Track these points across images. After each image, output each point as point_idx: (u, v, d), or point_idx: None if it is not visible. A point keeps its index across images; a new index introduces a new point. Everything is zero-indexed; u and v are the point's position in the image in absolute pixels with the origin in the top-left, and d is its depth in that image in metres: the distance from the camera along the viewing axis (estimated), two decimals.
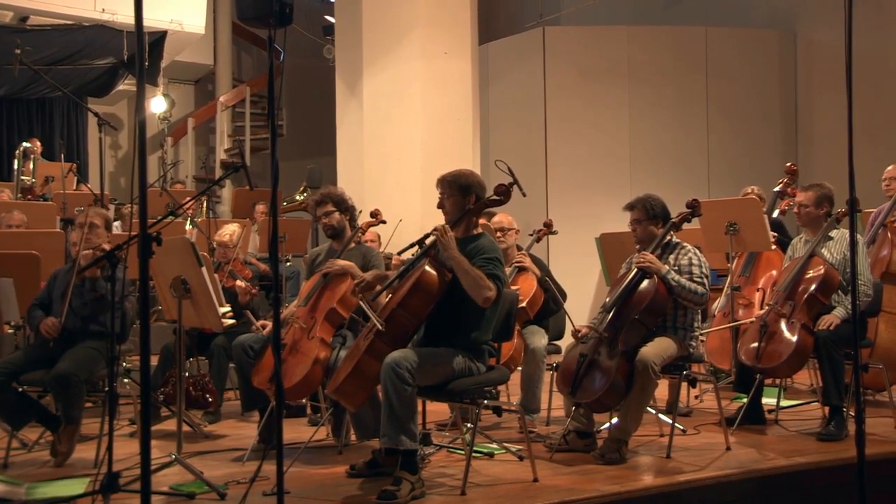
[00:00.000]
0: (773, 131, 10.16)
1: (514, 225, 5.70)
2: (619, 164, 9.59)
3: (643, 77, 9.75)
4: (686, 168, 9.69)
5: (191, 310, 4.48)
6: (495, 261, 4.04)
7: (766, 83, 10.18)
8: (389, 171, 8.10)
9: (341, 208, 5.15)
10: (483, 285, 3.92)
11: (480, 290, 3.92)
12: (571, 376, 4.48)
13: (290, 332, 4.74)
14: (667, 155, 9.69)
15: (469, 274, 3.92)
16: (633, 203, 4.80)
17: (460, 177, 4.20)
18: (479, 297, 3.93)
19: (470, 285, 3.93)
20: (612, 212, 5.68)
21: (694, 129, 9.87)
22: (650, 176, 9.29)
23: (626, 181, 9.36)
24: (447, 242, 3.99)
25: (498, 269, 4.02)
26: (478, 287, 3.92)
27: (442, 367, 3.95)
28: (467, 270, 3.93)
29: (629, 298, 4.56)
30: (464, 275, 3.93)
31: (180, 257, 4.41)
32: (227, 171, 4.64)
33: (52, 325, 4.77)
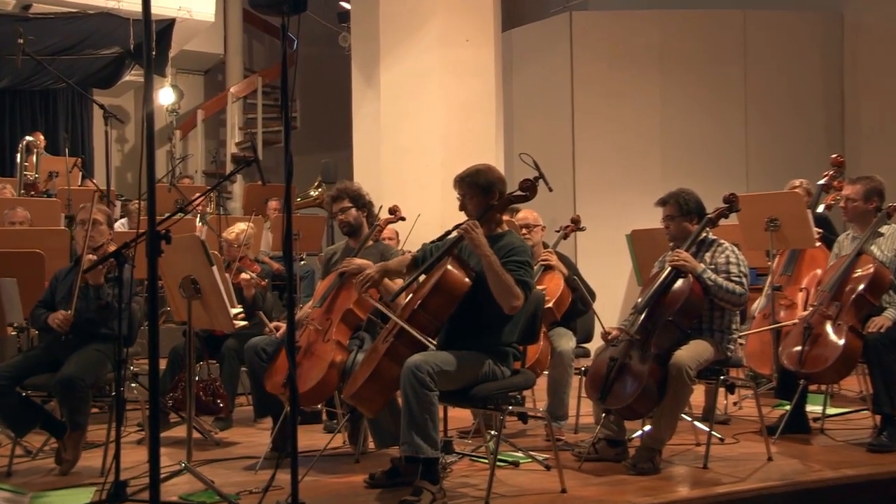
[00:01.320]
0: (817, 121, 10.07)
1: (539, 221, 5.69)
2: (651, 156, 9.55)
3: (676, 65, 9.70)
4: (722, 161, 9.64)
5: (201, 311, 4.50)
6: (526, 265, 4.03)
7: (810, 69, 10.08)
8: (408, 166, 8.11)
9: (358, 204, 5.16)
10: (512, 293, 3.92)
11: (508, 298, 3.92)
12: (601, 381, 4.47)
13: (305, 335, 4.75)
14: (702, 147, 9.64)
15: (499, 277, 3.92)
16: (666, 198, 4.78)
17: (479, 174, 4.19)
18: (506, 303, 3.93)
19: (498, 289, 3.93)
20: (644, 207, 5.65)
21: (731, 120, 9.80)
22: (684, 169, 9.23)
23: (658, 175, 9.32)
24: (477, 239, 3.98)
25: (528, 276, 4.02)
26: (507, 294, 3.92)
27: (464, 371, 3.96)
28: (498, 273, 3.92)
29: (662, 299, 4.54)
30: (493, 276, 3.93)
31: (190, 256, 4.44)
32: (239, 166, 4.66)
33: (64, 318, 4.77)
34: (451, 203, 4.43)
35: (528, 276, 4.01)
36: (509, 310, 3.94)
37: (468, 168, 4.25)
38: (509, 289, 3.91)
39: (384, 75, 8.31)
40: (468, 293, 3.99)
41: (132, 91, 14.06)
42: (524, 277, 3.99)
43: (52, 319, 4.80)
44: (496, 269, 3.93)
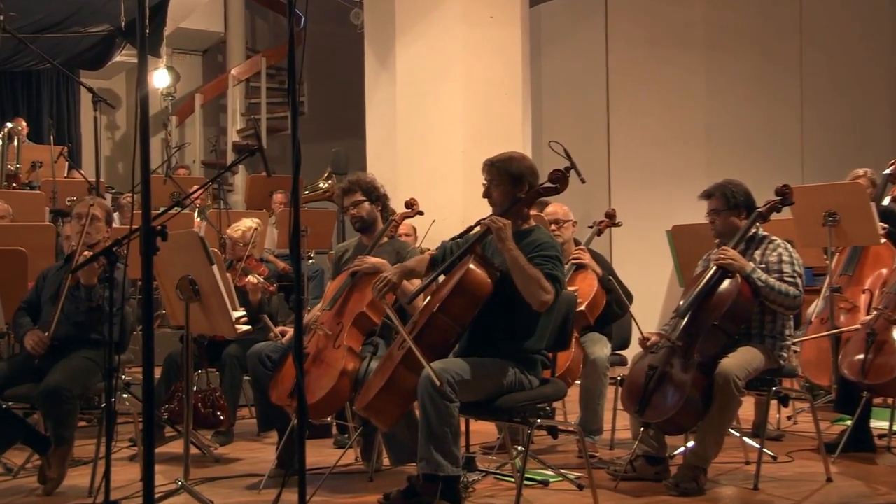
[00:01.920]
0: (882, 104, 10.00)
1: (570, 216, 5.68)
2: (695, 144, 9.52)
3: (723, 42, 9.66)
4: (775, 148, 9.60)
5: (200, 314, 4.53)
6: (555, 259, 4.04)
7: (874, 46, 10.01)
8: (426, 155, 8.12)
9: (371, 197, 5.17)
10: (541, 286, 3.92)
11: (537, 293, 3.92)
12: (639, 392, 4.46)
13: (314, 340, 4.77)
14: (752, 133, 9.60)
15: (525, 272, 3.92)
16: (711, 190, 4.77)
17: (511, 161, 4.20)
18: (535, 299, 3.93)
19: (525, 285, 3.93)
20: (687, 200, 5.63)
21: (785, 103, 9.75)
22: (731, 158, 9.20)
23: (702, 164, 9.29)
24: (503, 233, 3.99)
25: (557, 270, 4.02)
26: (535, 288, 3.92)
27: (488, 381, 3.96)
28: (523, 267, 3.93)
29: (707, 301, 4.53)
30: (519, 272, 3.93)
31: (188, 254, 4.46)
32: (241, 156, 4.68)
33: (38, 340, 4.79)
34: (473, 196, 4.43)
35: (557, 271, 4.02)
36: (539, 305, 3.93)
37: (501, 153, 4.26)
38: (537, 281, 3.91)
39: (400, 56, 8.32)
40: (492, 295, 3.99)
41: (123, 73, 14.14)
42: (553, 271, 3.99)
43: (26, 340, 4.82)
44: (521, 263, 3.93)
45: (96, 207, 5.00)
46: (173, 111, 13.97)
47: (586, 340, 5.35)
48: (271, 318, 5.51)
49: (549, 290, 3.94)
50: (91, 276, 4.77)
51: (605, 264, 5.71)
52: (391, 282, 4.26)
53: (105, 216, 5.08)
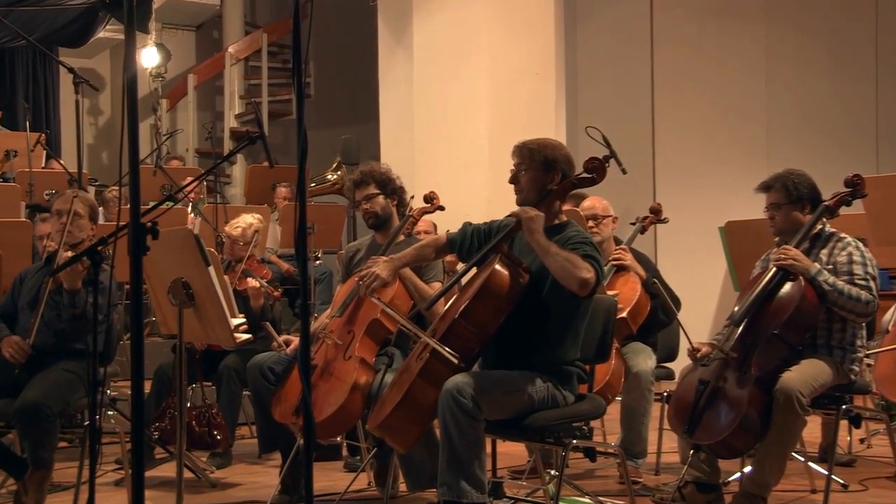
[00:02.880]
0: None
1: (609, 211, 5.69)
2: (752, 130, 9.49)
3: (785, 14, 9.63)
4: (845, 134, 9.56)
5: (194, 321, 4.55)
6: (590, 244, 4.05)
7: None
8: (447, 143, 8.13)
9: (386, 190, 5.19)
10: (577, 264, 3.89)
11: (575, 271, 3.87)
12: (688, 410, 4.45)
13: (322, 351, 4.79)
14: (819, 117, 9.56)
15: (559, 254, 3.91)
16: (771, 181, 4.76)
17: (545, 147, 4.20)
18: (574, 279, 3.89)
19: (560, 268, 3.90)
20: (742, 193, 5.63)
21: (856, 84, 9.71)
22: (794, 145, 9.17)
23: (760, 152, 9.26)
24: (533, 224, 4.00)
25: (594, 252, 4.02)
26: (571, 268, 3.88)
27: (517, 396, 3.97)
28: (555, 253, 3.92)
29: (766, 307, 4.52)
30: (551, 257, 3.92)
31: (181, 254, 4.48)
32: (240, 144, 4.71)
33: (18, 347, 4.82)
34: (500, 188, 4.44)
35: (594, 252, 4.02)
36: (579, 285, 3.89)
37: (536, 138, 4.28)
38: (573, 261, 3.90)
39: (418, 31, 8.34)
40: (521, 299, 4.00)
41: (108, 51, 14.23)
42: (591, 253, 4.00)
43: (4, 348, 4.84)
44: (553, 248, 3.93)
45: (79, 203, 5.03)
46: (164, 94, 14.05)
47: (628, 351, 5.35)
48: (274, 326, 5.53)
49: (589, 268, 3.91)
50: (75, 279, 4.78)
51: (650, 266, 5.70)
52: (378, 277, 4.28)
53: (89, 212, 5.11)
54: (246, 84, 14.31)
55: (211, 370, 5.81)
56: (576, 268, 3.88)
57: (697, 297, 7.72)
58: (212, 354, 5.84)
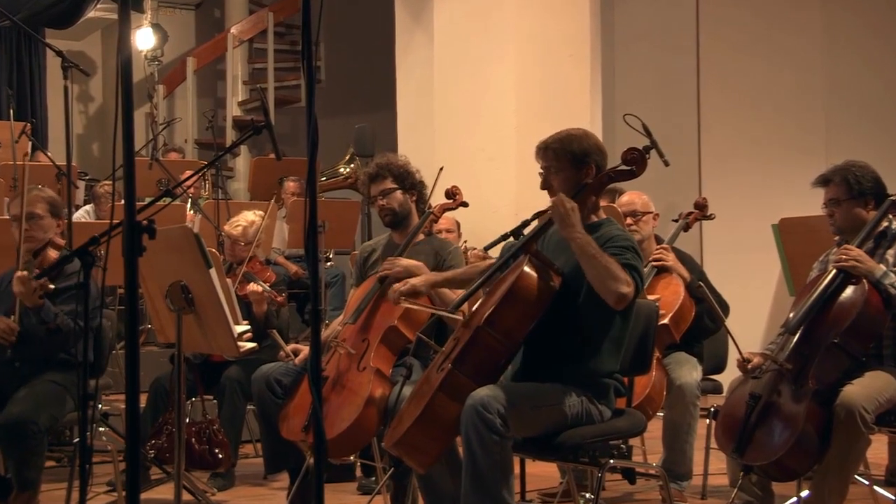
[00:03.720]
0: None
1: (650, 207, 5.68)
2: (810, 117, 9.44)
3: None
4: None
5: (194, 329, 4.57)
6: (631, 250, 4.04)
7: None
8: (471, 132, 8.13)
9: (404, 185, 5.20)
10: (617, 276, 3.89)
11: (613, 284, 3.88)
12: (738, 427, 4.44)
13: (334, 361, 4.80)
14: (882, 104, 9.50)
15: (597, 260, 3.90)
16: (830, 174, 4.74)
17: (570, 141, 4.19)
18: (611, 292, 3.90)
19: (597, 275, 3.91)
20: (798, 187, 5.60)
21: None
22: (856, 135, 9.12)
23: (819, 142, 9.21)
24: (569, 218, 3.99)
25: (636, 261, 4.01)
26: (609, 278, 3.88)
27: (548, 411, 3.97)
28: (593, 255, 3.91)
29: (825, 314, 4.50)
30: (589, 261, 3.92)
31: (180, 255, 4.50)
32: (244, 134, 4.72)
33: (6, 326, 4.85)
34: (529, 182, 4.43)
35: (635, 261, 4.00)
36: (616, 300, 3.90)
37: (558, 133, 4.26)
38: (612, 272, 3.89)
39: (439, 9, 8.34)
40: (552, 304, 4.00)
41: (99, 32, 14.28)
42: (631, 261, 3.98)
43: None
44: (591, 251, 3.92)
45: (33, 204, 5.04)
46: (160, 79, 14.08)
47: (671, 362, 5.34)
48: (281, 334, 5.53)
49: (629, 280, 3.92)
50: (30, 297, 4.78)
51: (695, 267, 5.69)
52: (415, 289, 4.29)
53: (48, 209, 5.12)
54: (250, 68, 14.32)
55: (212, 382, 5.83)
56: (614, 279, 3.88)
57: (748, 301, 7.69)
58: (213, 365, 5.86)
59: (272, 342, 5.42)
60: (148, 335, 8.07)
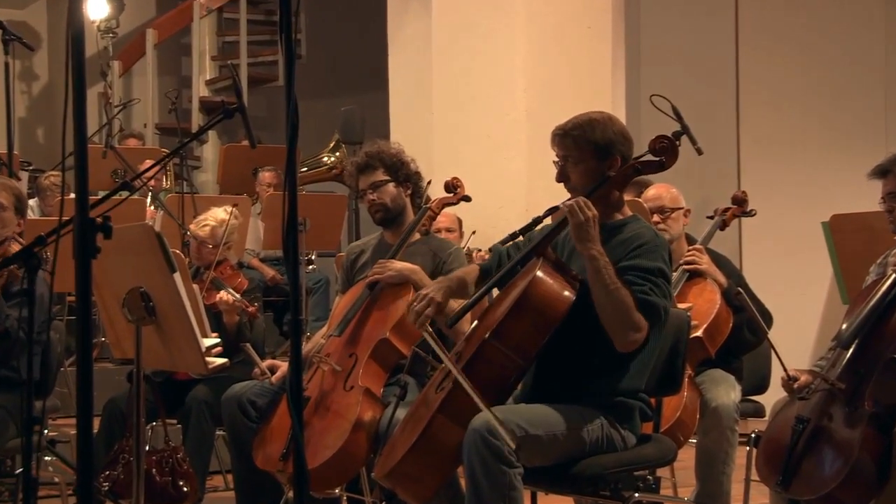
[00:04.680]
0: None
1: (680, 202, 5.68)
2: (866, 101, 9.44)
3: None
4: None
5: (156, 342, 4.57)
6: (657, 275, 4.01)
7: None
8: (475, 116, 8.13)
9: (398, 176, 5.20)
10: (628, 320, 3.90)
11: (621, 328, 3.91)
12: (783, 455, 4.44)
13: (317, 379, 4.81)
14: None
15: (611, 295, 3.89)
16: (889, 165, 4.74)
17: (592, 126, 4.19)
18: (619, 336, 3.93)
19: (607, 312, 3.91)
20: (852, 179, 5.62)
21: None
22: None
23: (877, 127, 9.22)
24: (585, 231, 3.96)
25: (658, 293, 3.99)
26: (619, 321, 3.90)
27: (563, 437, 3.97)
28: (607, 286, 3.90)
29: (883, 325, 4.50)
30: (601, 293, 3.91)
31: (139, 257, 4.50)
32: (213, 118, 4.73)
33: None
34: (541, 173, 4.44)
35: (659, 294, 3.98)
36: (621, 345, 3.93)
37: (577, 116, 4.26)
38: (624, 314, 3.89)
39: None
40: (569, 314, 4.00)
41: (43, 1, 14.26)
42: (652, 297, 3.96)
43: None
44: (605, 279, 3.91)
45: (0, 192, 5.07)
46: (116, 54, 14.08)
47: (705, 380, 5.35)
48: (256, 348, 5.54)
49: (641, 326, 3.93)
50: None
51: (733, 271, 5.70)
52: (436, 302, 4.25)
53: (14, 202, 5.14)
54: (220, 42, 14.32)
55: (176, 404, 5.83)
56: (624, 324, 3.92)
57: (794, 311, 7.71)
58: (177, 384, 5.86)
59: (245, 357, 5.43)
60: (102, 350, 8.07)
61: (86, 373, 2.78)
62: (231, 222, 6.38)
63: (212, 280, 6.07)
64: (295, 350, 3.14)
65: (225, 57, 14.05)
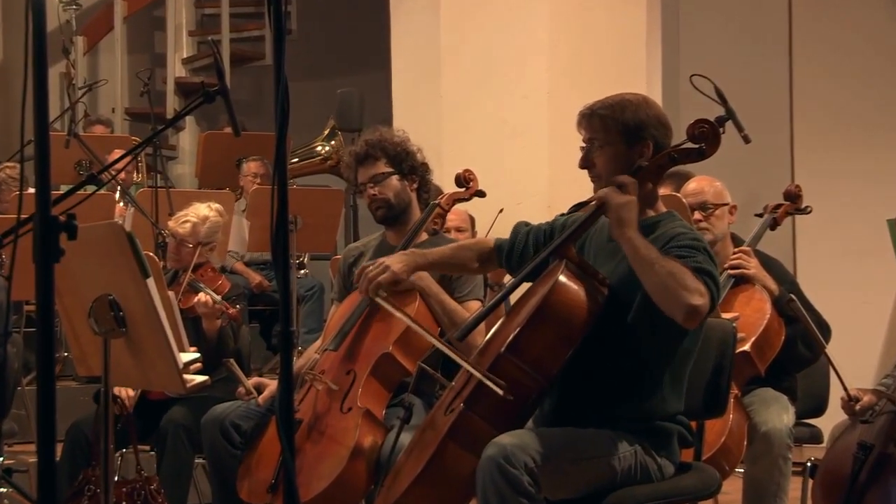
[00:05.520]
0: None
1: (725, 198, 5.68)
2: None
3: None
4: None
5: (126, 357, 4.59)
6: (702, 251, 4.01)
7: None
8: (490, 99, 8.14)
9: (402, 168, 5.21)
10: (685, 283, 3.82)
11: (681, 295, 3.81)
12: (844, 486, 4.45)
13: (310, 400, 4.82)
14: None
15: (658, 266, 3.85)
16: None
17: (623, 107, 4.19)
18: (680, 304, 3.83)
19: (660, 285, 3.86)
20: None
21: None
22: None
23: None
24: (623, 213, 3.94)
25: (708, 264, 3.96)
26: (677, 288, 3.82)
27: (590, 465, 3.99)
28: (653, 261, 3.87)
29: None
30: (647, 268, 3.87)
31: (107, 260, 4.52)
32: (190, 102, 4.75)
33: None
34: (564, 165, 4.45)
35: (707, 265, 3.94)
36: (685, 315, 3.84)
37: (607, 98, 4.26)
38: (679, 279, 3.83)
39: None
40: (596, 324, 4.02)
41: None
42: (702, 264, 3.92)
43: None
44: (649, 254, 3.88)
45: None
46: (79, 29, 14.10)
47: (754, 401, 5.35)
48: (240, 363, 5.55)
49: (701, 288, 3.85)
50: None
51: (785, 276, 5.70)
52: (388, 270, 4.31)
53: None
54: (198, 14, 14.34)
55: (149, 428, 5.84)
56: (683, 288, 3.81)
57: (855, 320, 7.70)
58: (151, 405, 5.87)
59: (228, 375, 5.44)
60: (65, 366, 8.08)
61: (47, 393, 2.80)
62: (213, 219, 6.38)
63: (189, 282, 6.06)
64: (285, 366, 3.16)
65: (204, 32, 14.08)
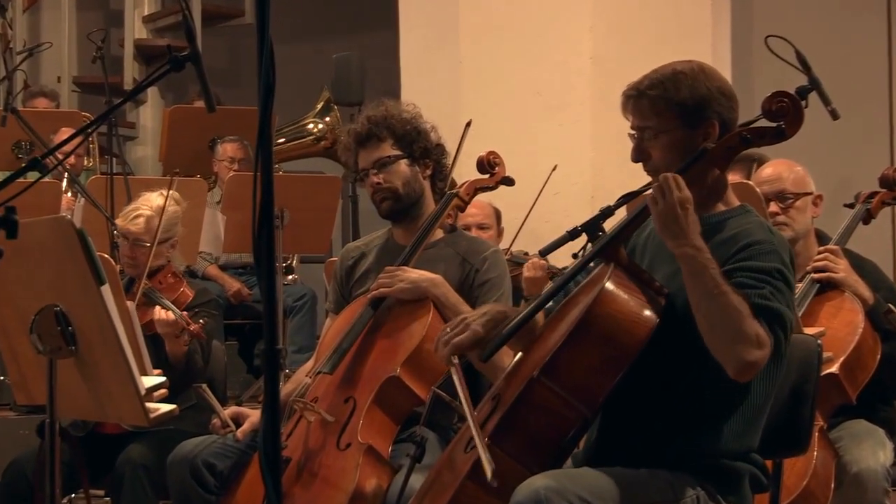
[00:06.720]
0: None
1: (808, 186, 5.68)
2: None
3: None
4: None
5: (77, 382, 4.60)
6: (775, 276, 3.99)
7: None
8: (519, 70, 8.15)
9: (412, 151, 5.22)
10: (743, 332, 3.84)
11: (735, 347, 3.85)
12: None
13: (300, 433, 4.84)
14: None
15: (713, 297, 3.85)
16: None
17: (677, 83, 4.17)
18: (729, 358, 3.88)
19: (712, 326, 3.88)
20: None
21: None
22: None
23: None
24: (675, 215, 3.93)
25: (777, 298, 3.94)
26: (729, 333, 3.85)
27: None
28: (710, 290, 3.86)
29: None
30: (702, 299, 3.88)
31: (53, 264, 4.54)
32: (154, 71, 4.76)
33: None
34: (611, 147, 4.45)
35: (778, 300, 3.95)
36: (738, 370, 3.88)
37: (654, 71, 4.25)
38: (737, 326, 3.85)
39: None
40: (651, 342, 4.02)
41: None
42: (771, 302, 3.92)
43: None
44: (708, 281, 3.87)
45: None
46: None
47: (843, 435, 5.37)
48: (214, 390, 5.56)
49: (761, 340, 3.86)
50: None
51: (882, 281, 5.71)
52: (473, 330, 4.28)
53: None
54: None
55: (104, 467, 5.86)
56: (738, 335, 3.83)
57: None
58: (105, 440, 5.89)
59: (199, 402, 5.45)
60: (1, 393, 8.11)
61: None
62: (171, 209, 6.33)
63: (144, 292, 6.04)
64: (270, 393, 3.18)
65: None
